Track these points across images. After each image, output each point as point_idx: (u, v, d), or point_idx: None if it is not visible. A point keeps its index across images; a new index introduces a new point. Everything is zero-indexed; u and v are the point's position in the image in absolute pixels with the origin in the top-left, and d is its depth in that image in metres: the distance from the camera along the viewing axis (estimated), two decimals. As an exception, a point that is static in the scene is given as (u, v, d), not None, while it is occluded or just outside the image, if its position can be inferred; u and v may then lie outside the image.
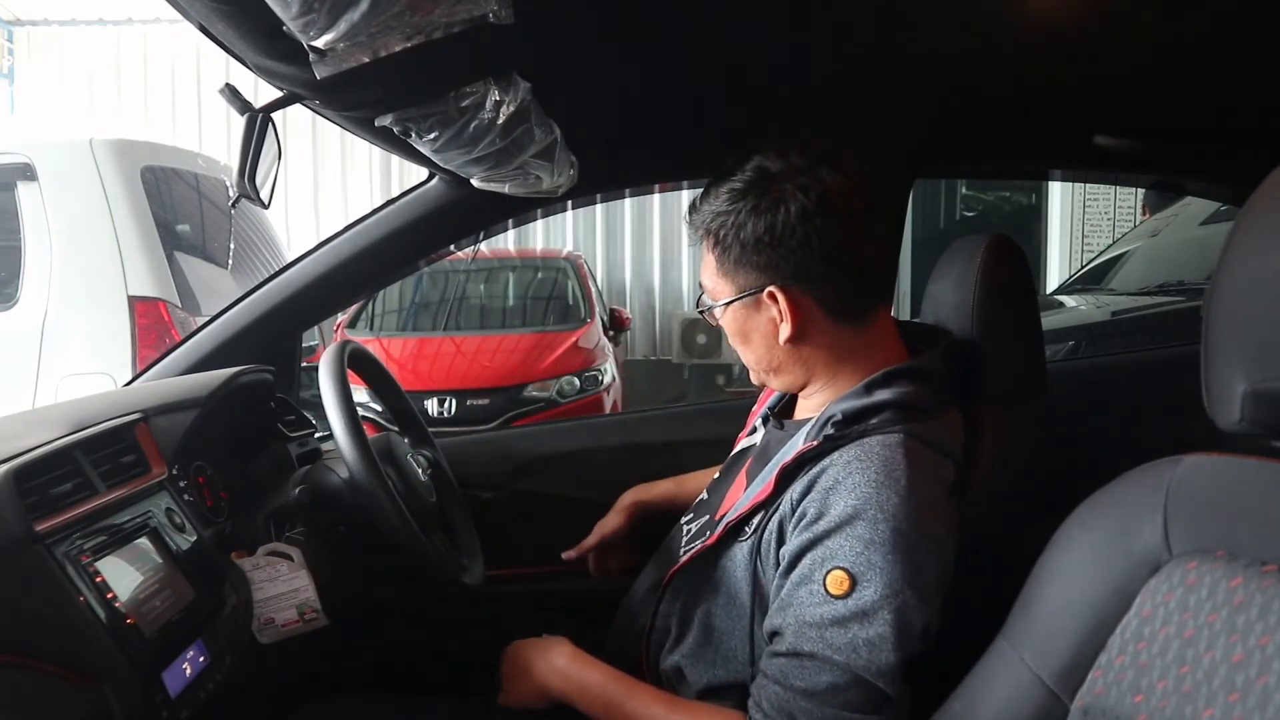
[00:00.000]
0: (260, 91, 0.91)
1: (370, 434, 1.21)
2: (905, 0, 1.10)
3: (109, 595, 0.88)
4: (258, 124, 0.97)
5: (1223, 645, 0.56)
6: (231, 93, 0.94)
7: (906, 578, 0.86)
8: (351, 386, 1.22)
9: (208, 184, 3.46)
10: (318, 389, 1.20)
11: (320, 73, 0.80)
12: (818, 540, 0.89)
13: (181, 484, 1.10)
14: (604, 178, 1.58)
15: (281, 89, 0.92)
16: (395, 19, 0.74)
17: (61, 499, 0.91)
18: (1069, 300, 3.79)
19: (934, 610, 0.89)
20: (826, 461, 0.93)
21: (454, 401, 4.37)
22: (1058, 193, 6.59)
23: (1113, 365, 2.35)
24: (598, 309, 5.32)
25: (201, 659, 0.97)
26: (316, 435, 1.48)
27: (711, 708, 0.98)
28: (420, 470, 1.34)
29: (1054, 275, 6.36)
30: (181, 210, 3.27)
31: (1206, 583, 0.59)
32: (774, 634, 0.92)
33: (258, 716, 1.11)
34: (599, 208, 7.51)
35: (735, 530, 1.01)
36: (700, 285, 1.07)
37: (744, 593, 0.98)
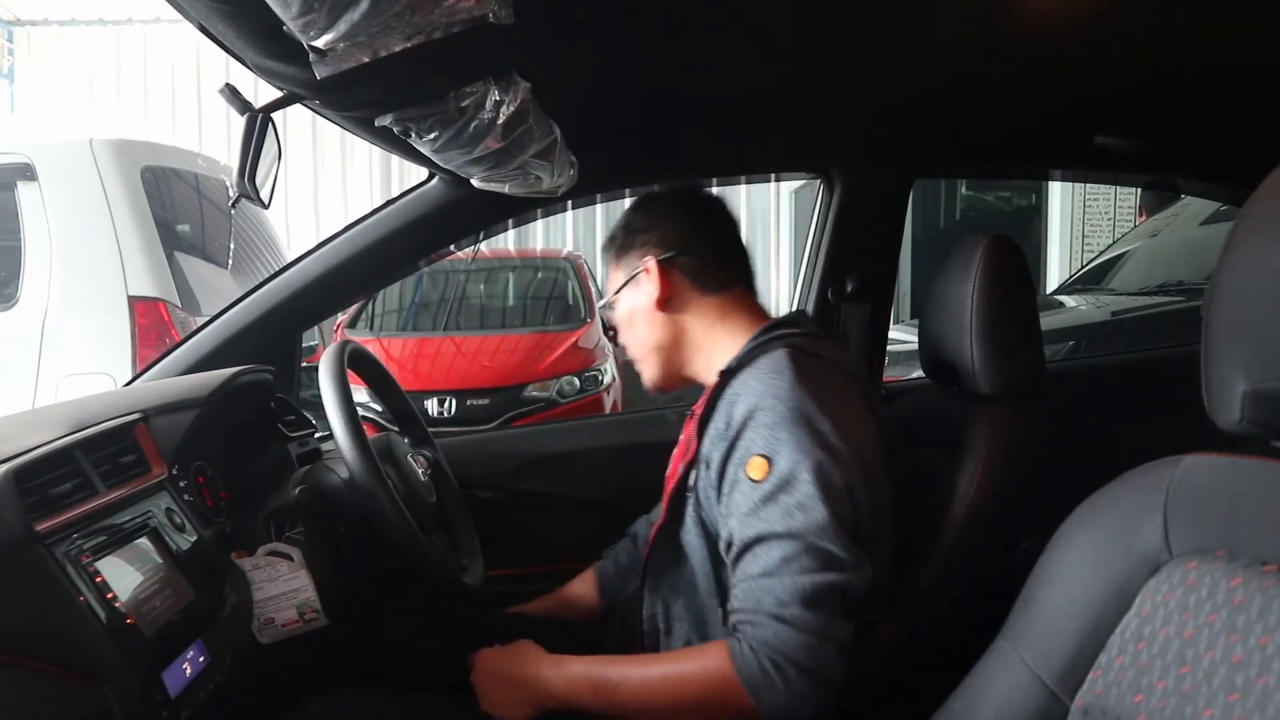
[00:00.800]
0: (260, 91, 0.91)
1: (370, 434, 1.21)
2: (905, 1, 1.10)
3: (109, 595, 0.88)
4: (258, 124, 0.97)
5: (1223, 645, 0.56)
6: (231, 93, 0.94)
7: (814, 442, 0.96)
8: (351, 386, 1.22)
9: (208, 184, 3.46)
10: (318, 389, 1.20)
11: (320, 73, 0.80)
12: (732, 445, 1.01)
13: (181, 484, 1.10)
14: (604, 178, 1.58)
15: (281, 89, 0.92)
16: (395, 19, 0.74)
17: (61, 499, 0.91)
18: (1069, 300, 3.78)
19: (853, 472, 0.98)
20: (729, 389, 1.06)
21: (454, 401, 4.37)
22: (1058, 193, 6.59)
23: (1113, 365, 2.35)
24: (598, 309, 5.32)
25: (201, 659, 0.97)
26: (316, 435, 1.48)
27: (698, 646, 1.01)
28: (420, 470, 1.34)
29: (1054, 275, 6.35)
30: (181, 210, 3.27)
31: (1206, 583, 0.59)
32: (728, 543, 0.99)
33: (258, 716, 1.11)
34: (599, 208, 7.51)
35: (678, 500, 1.09)
36: (610, 305, 1.26)
37: (700, 552, 1.06)
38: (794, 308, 1.82)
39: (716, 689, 0.94)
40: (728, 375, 1.08)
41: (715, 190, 1.33)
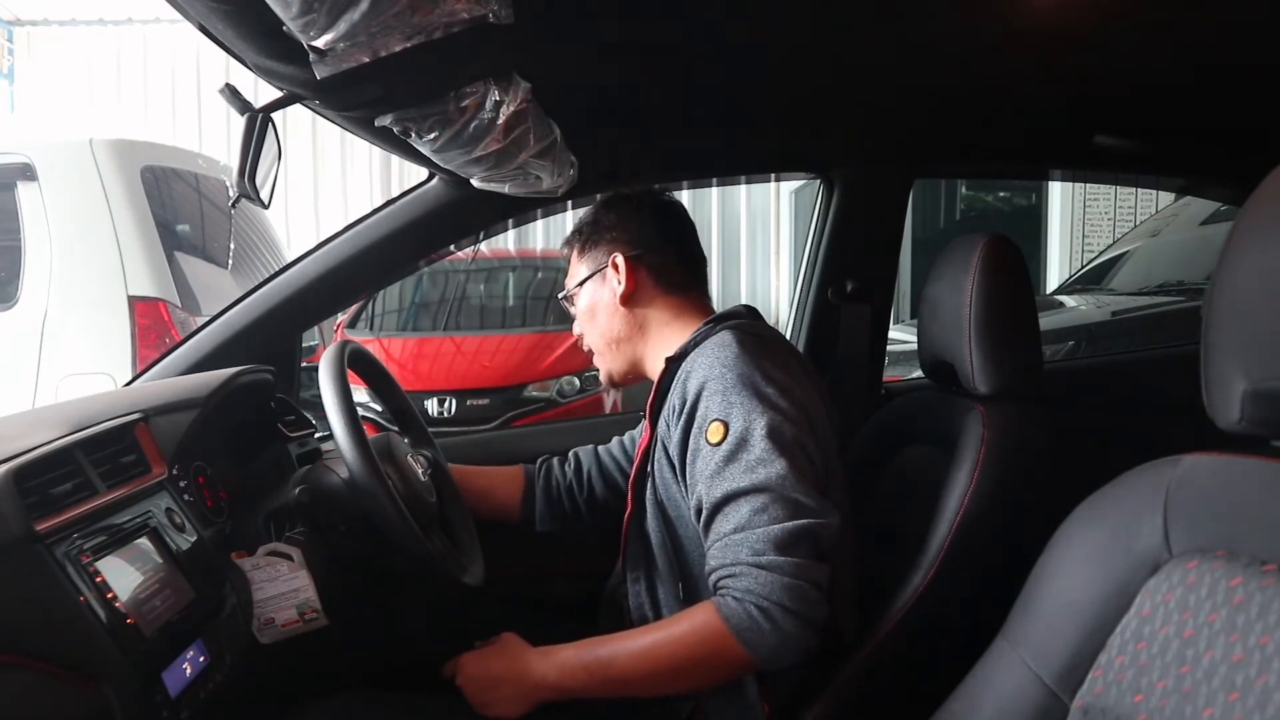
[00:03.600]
0: (260, 91, 0.91)
1: (370, 434, 1.21)
2: (905, 1, 1.10)
3: (109, 595, 0.88)
4: (258, 124, 0.96)
5: (1222, 645, 0.56)
6: (231, 93, 0.94)
7: (764, 403, 1.03)
8: (351, 386, 1.21)
9: (208, 184, 3.46)
10: (318, 389, 1.20)
11: (320, 73, 0.80)
12: (690, 416, 1.06)
13: (181, 484, 1.10)
14: (604, 178, 1.58)
15: (281, 89, 0.92)
16: (395, 19, 0.74)
17: (61, 499, 0.91)
18: (1069, 300, 3.78)
19: (804, 430, 1.04)
20: (680, 372, 1.12)
21: (454, 401, 4.36)
22: (1058, 193, 6.58)
23: (1113, 365, 2.35)
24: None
25: (201, 659, 0.97)
26: (316, 435, 1.48)
27: (684, 611, 1.02)
28: (420, 470, 1.33)
29: (1054, 275, 6.35)
30: (181, 210, 3.26)
31: (1206, 582, 0.59)
32: (698, 510, 1.04)
33: (258, 716, 1.11)
34: (599, 208, 7.50)
35: (640, 488, 1.16)
36: (564, 287, 1.33)
37: (662, 535, 1.11)
38: (794, 308, 1.83)
39: (708, 644, 0.97)
40: (674, 361, 1.14)
41: (715, 189, 1.37)
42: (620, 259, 1.23)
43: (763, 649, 0.95)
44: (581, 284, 1.29)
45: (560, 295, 1.34)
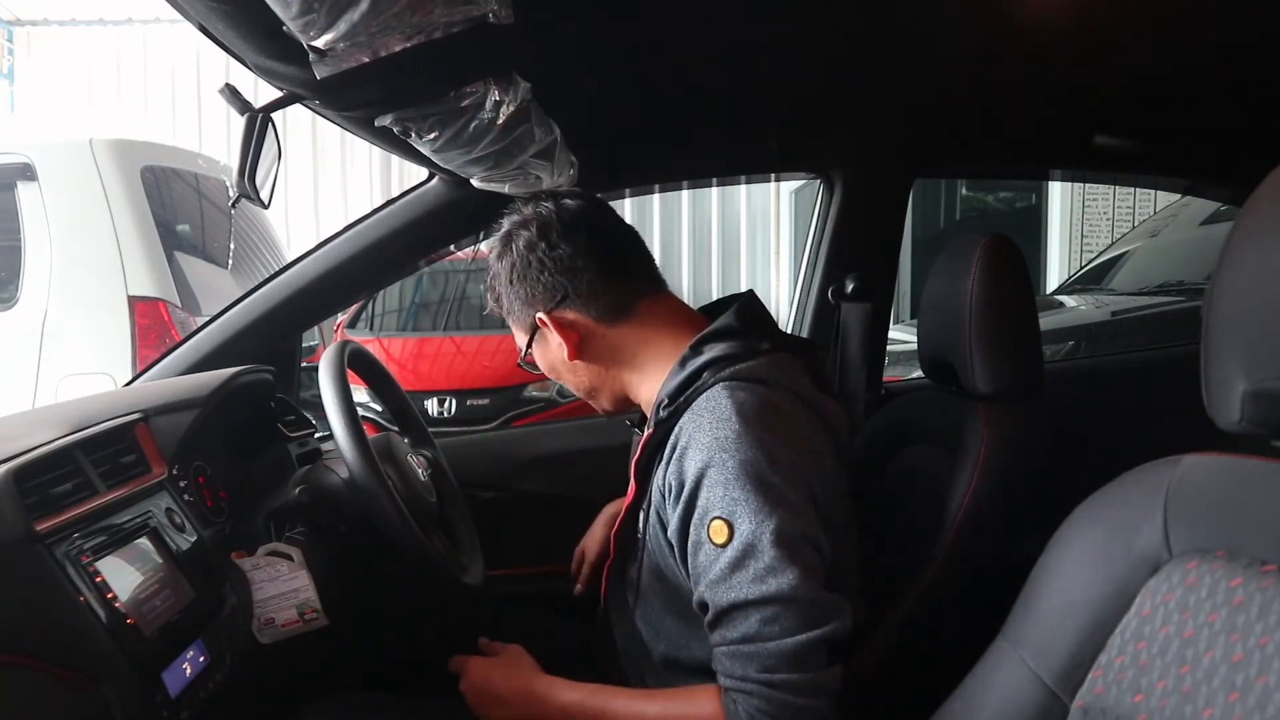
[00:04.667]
0: (260, 91, 0.91)
1: (370, 434, 1.21)
2: (905, 1, 1.10)
3: (109, 595, 0.88)
4: (258, 124, 0.96)
5: (1222, 645, 0.56)
6: (231, 93, 0.94)
7: (771, 499, 0.92)
8: (351, 386, 1.21)
9: (208, 184, 3.46)
10: (318, 389, 1.20)
11: (320, 73, 0.80)
12: (689, 505, 0.95)
13: (181, 484, 1.10)
14: (604, 178, 1.58)
15: (281, 89, 0.92)
16: (395, 19, 0.74)
17: (61, 499, 0.91)
18: (1069, 300, 3.78)
19: (811, 521, 0.94)
20: (673, 438, 0.99)
21: (454, 401, 4.36)
22: (1058, 193, 6.58)
23: (1113, 365, 2.35)
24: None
25: (201, 659, 0.97)
26: (316, 435, 1.48)
27: (689, 688, 1.00)
28: (420, 470, 1.34)
29: (1054, 275, 6.35)
30: (181, 210, 3.27)
31: (1206, 582, 0.59)
32: (701, 605, 0.96)
33: (258, 716, 1.11)
34: (599, 208, 7.50)
35: (627, 539, 1.08)
36: (531, 363, 1.17)
37: (654, 586, 1.05)
38: (794, 308, 1.82)
39: None
40: (662, 423, 1.01)
41: (715, 189, 1.30)
42: (544, 317, 1.07)
43: None
44: (528, 347, 1.13)
45: (519, 362, 1.18)
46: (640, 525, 1.06)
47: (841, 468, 1.06)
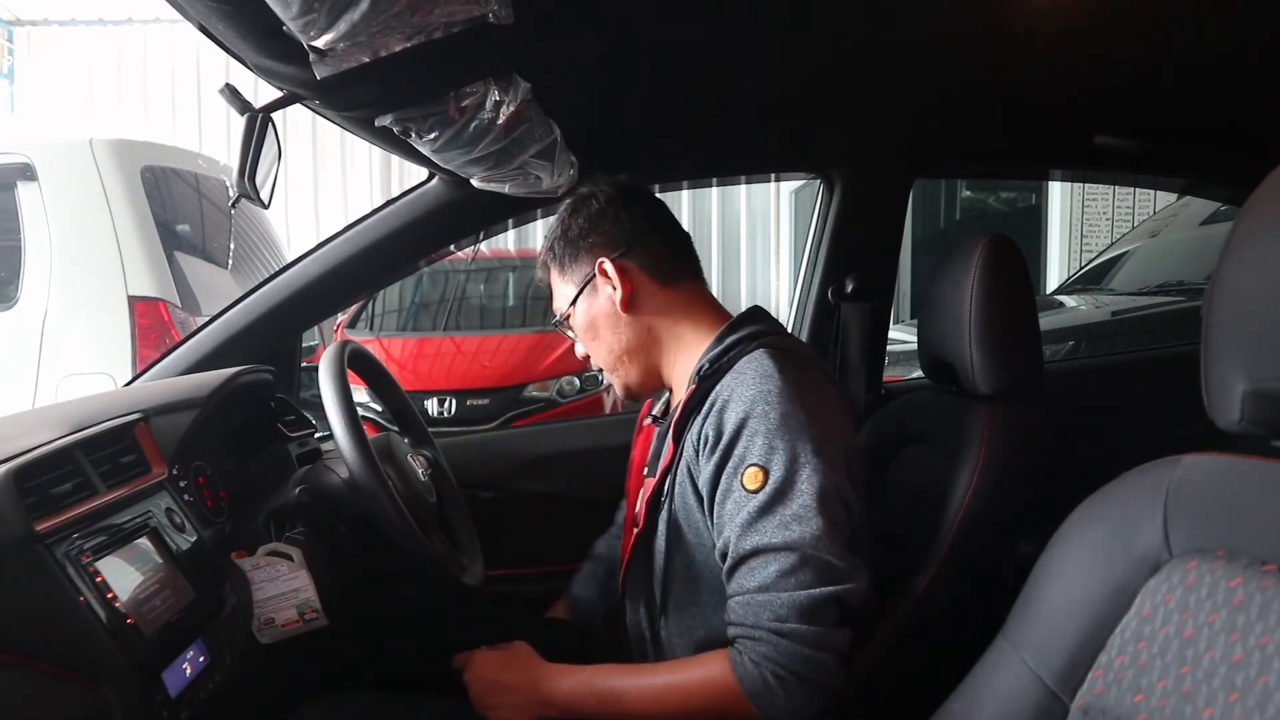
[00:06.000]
0: (260, 91, 0.91)
1: (370, 434, 1.21)
2: (905, 1, 1.10)
3: (109, 595, 0.88)
4: (258, 124, 0.96)
5: (1222, 645, 0.56)
6: (231, 93, 0.94)
7: (809, 449, 0.96)
8: (351, 386, 1.21)
9: (208, 184, 3.46)
10: (318, 389, 1.20)
11: (320, 73, 0.80)
12: (726, 454, 0.99)
13: (181, 484, 1.10)
14: (604, 178, 1.58)
15: (281, 89, 0.92)
16: (395, 19, 0.74)
17: (61, 499, 0.91)
18: (1069, 300, 3.79)
19: (844, 478, 0.98)
20: (712, 396, 1.03)
21: (454, 401, 4.36)
22: (1058, 193, 6.58)
23: (1113, 365, 2.35)
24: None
25: (201, 659, 0.97)
26: (316, 435, 1.48)
27: (698, 656, 1.01)
28: (420, 470, 1.33)
29: (1054, 275, 6.35)
30: (181, 210, 3.26)
31: (1206, 582, 0.59)
32: (723, 554, 0.99)
33: (258, 716, 1.11)
34: (599, 208, 7.49)
35: (655, 508, 1.09)
36: (554, 312, 1.23)
37: (672, 558, 1.07)
38: (794, 308, 1.82)
39: (719, 698, 0.95)
40: (705, 380, 1.05)
41: (715, 189, 1.33)
42: (607, 263, 1.13)
43: (773, 713, 0.93)
44: (573, 302, 1.17)
45: (554, 322, 1.23)
46: (666, 489, 1.08)
47: (859, 457, 1.08)
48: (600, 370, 1.22)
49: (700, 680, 0.97)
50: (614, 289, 1.13)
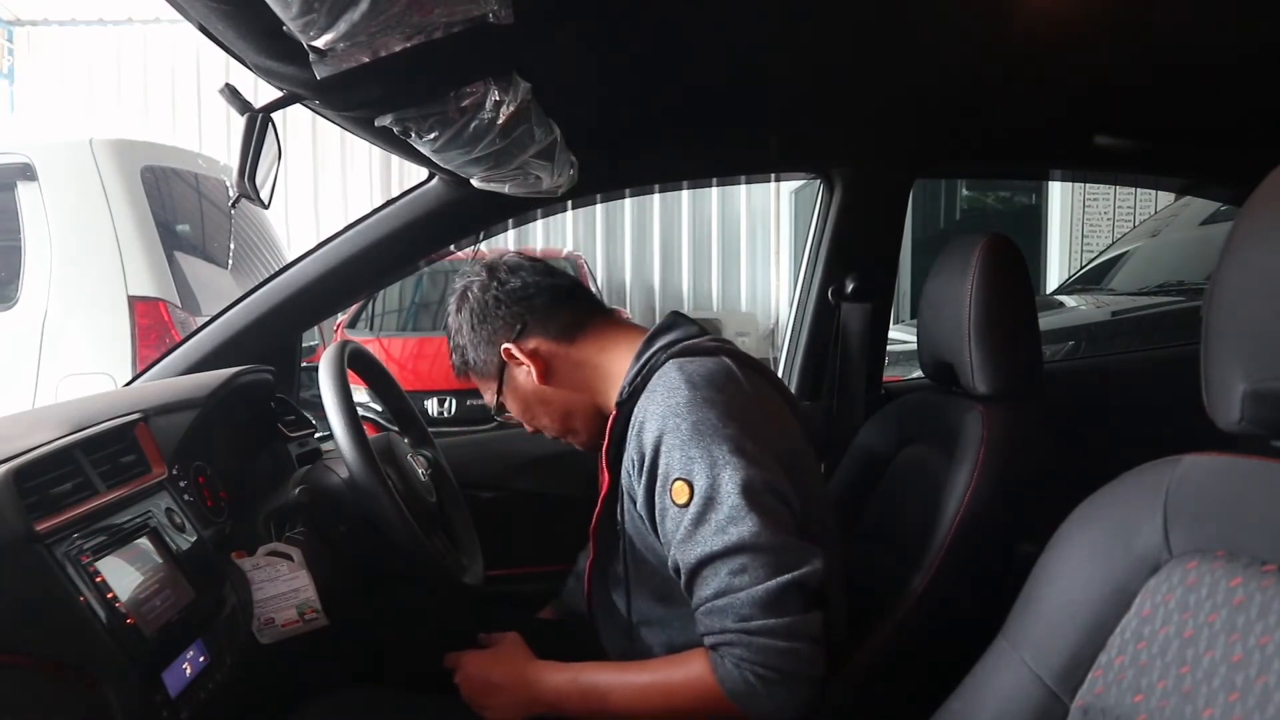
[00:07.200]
0: (260, 91, 0.91)
1: (370, 434, 1.21)
2: (905, 2, 1.10)
3: (109, 595, 0.88)
4: (258, 124, 0.96)
5: (1222, 645, 0.56)
6: (231, 93, 0.94)
7: (725, 450, 0.95)
8: (351, 386, 1.21)
9: (208, 184, 3.46)
10: (318, 389, 1.20)
11: (320, 73, 0.80)
12: (651, 473, 1.00)
13: (181, 484, 1.10)
14: (604, 178, 1.58)
15: (281, 89, 0.92)
16: (395, 19, 0.74)
17: (61, 499, 0.91)
18: (1069, 300, 3.79)
19: (773, 470, 0.97)
20: (633, 418, 1.04)
21: (454, 401, 4.37)
22: (1058, 193, 6.59)
23: (1113, 365, 2.35)
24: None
25: (201, 659, 0.97)
26: (316, 435, 1.48)
27: (680, 655, 1.01)
28: (420, 470, 1.34)
29: (1054, 275, 6.36)
30: (181, 210, 3.27)
31: (1206, 582, 0.59)
32: (675, 570, 0.99)
33: (258, 716, 1.11)
34: (599, 208, 7.52)
35: (605, 535, 1.11)
36: (503, 409, 1.23)
37: (636, 581, 1.08)
38: (794, 308, 1.83)
39: (703, 699, 0.96)
40: (624, 405, 1.06)
41: (715, 189, 1.32)
42: (510, 347, 1.15)
43: (760, 711, 0.94)
44: (499, 394, 1.20)
45: (493, 414, 1.25)
46: (618, 515, 1.09)
47: (798, 422, 1.09)
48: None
49: (684, 680, 0.98)
50: (528, 368, 1.15)
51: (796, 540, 0.95)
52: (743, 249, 7.83)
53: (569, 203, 1.68)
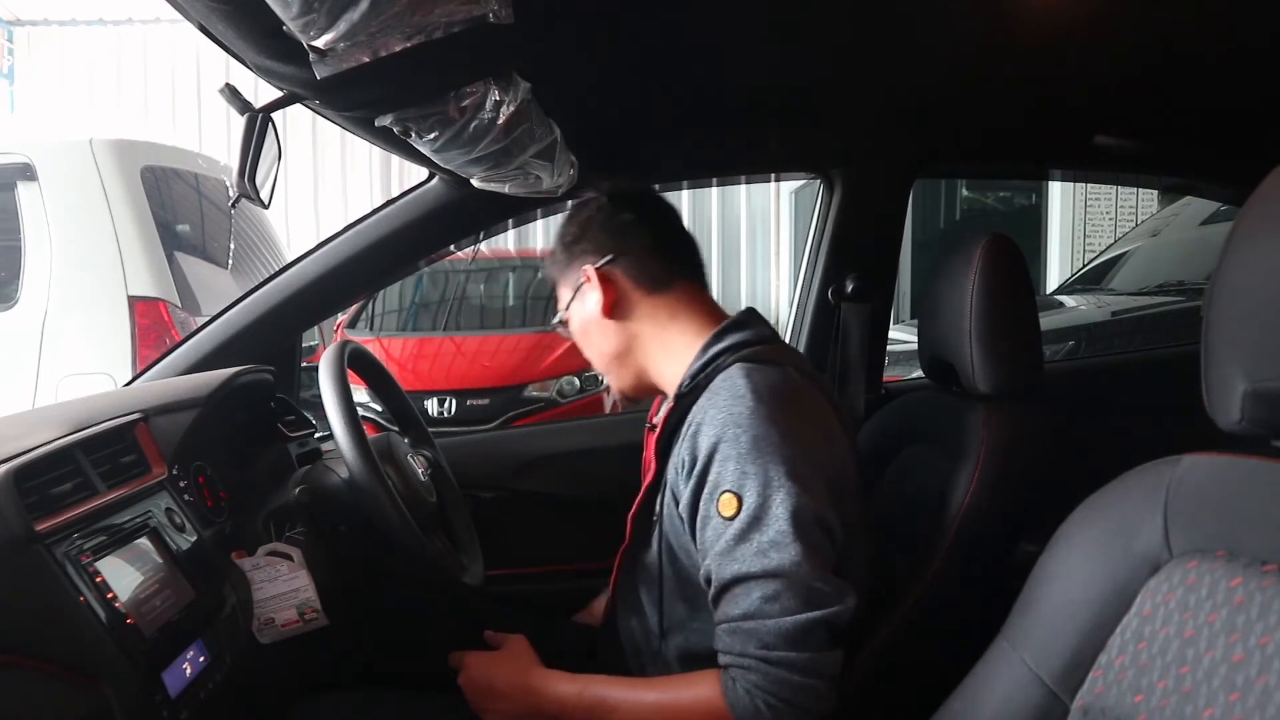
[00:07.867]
0: (260, 91, 0.91)
1: (370, 434, 1.21)
2: (905, 2, 1.10)
3: (109, 595, 0.88)
4: (258, 124, 0.96)
5: (1223, 645, 0.56)
6: (231, 93, 0.94)
7: (782, 472, 0.93)
8: (351, 386, 1.21)
9: (208, 184, 3.46)
10: (318, 389, 1.20)
11: (320, 73, 0.80)
12: (701, 479, 0.97)
13: (181, 484, 1.10)
14: (604, 178, 1.58)
15: (281, 89, 0.92)
16: (395, 19, 0.74)
17: (61, 499, 0.91)
18: (1069, 300, 3.78)
19: (823, 501, 0.95)
20: (690, 416, 1.02)
21: (454, 401, 4.37)
22: (1058, 193, 6.59)
23: (1113, 365, 2.35)
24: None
25: (201, 659, 0.97)
26: (316, 435, 1.48)
27: (687, 674, 1.00)
28: (420, 470, 1.34)
29: (1054, 275, 6.36)
30: (181, 210, 3.26)
31: (1206, 582, 0.59)
32: (707, 580, 0.97)
33: (258, 716, 1.11)
34: (599, 208, 7.49)
35: (642, 524, 1.10)
36: (564, 325, 1.23)
37: (667, 572, 1.06)
38: (794, 308, 1.83)
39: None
40: (682, 398, 1.05)
41: (715, 189, 1.33)
42: (590, 270, 1.15)
43: None
44: (568, 306, 1.20)
45: (555, 322, 1.25)
46: (657, 507, 1.07)
47: (853, 449, 1.08)
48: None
49: (692, 701, 0.96)
50: (598, 296, 1.15)
51: (832, 578, 0.93)
52: (743, 249, 7.83)
53: (569, 203, 1.68)
